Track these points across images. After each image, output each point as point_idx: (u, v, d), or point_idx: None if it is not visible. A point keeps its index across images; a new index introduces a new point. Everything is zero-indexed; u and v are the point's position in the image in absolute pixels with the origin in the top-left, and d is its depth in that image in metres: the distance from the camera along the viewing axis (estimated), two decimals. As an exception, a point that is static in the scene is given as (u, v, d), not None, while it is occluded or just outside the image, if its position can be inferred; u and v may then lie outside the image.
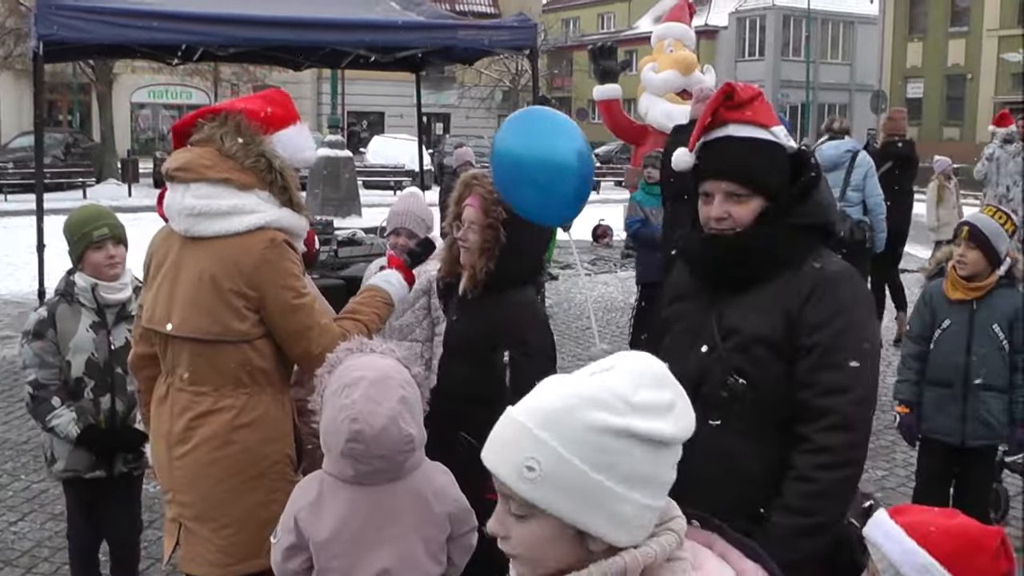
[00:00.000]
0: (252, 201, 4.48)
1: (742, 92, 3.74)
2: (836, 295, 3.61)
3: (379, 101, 65.42)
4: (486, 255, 4.87)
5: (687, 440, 3.43)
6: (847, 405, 3.52)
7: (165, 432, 4.61)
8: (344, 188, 29.27)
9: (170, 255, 4.56)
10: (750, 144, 3.70)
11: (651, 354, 3.90)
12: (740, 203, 3.71)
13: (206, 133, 4.52)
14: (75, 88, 52.98)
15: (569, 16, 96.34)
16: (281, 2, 10.98)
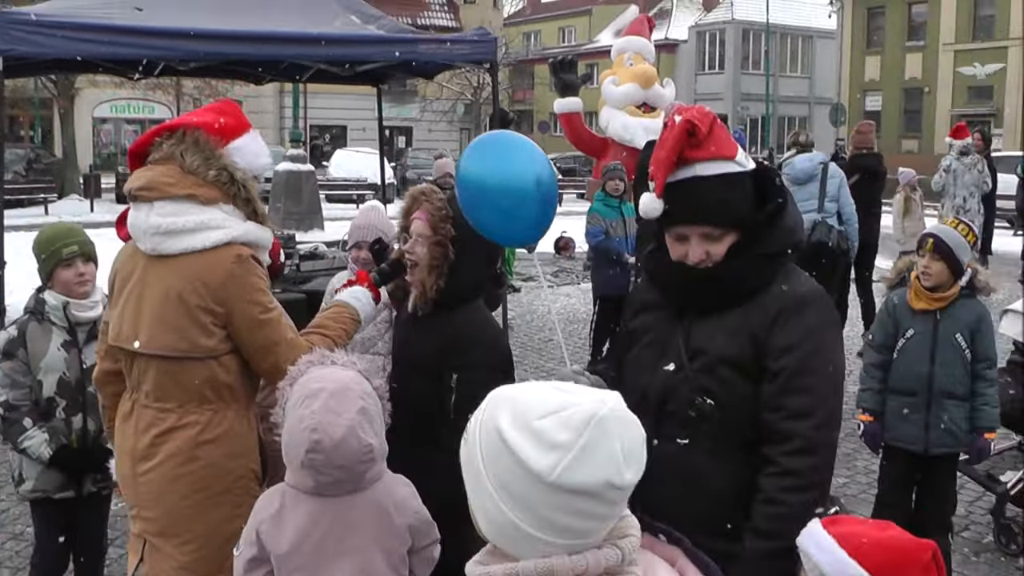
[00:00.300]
0: (217, 216, 4.49)
1: (701, 124, 3.61)
2: (803, 319, 3.61)
3: (341, 114, 65.43)
4: (435, 272, 4.84)
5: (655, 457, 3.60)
6: (811, 429, 3.54)
7: (130, 448, 4.59)
8: (306, 202, 29.25)
9: (135, 272, 4.55)
10: (721, 181, 3.64)
11: (613, 365, 3.97)
12: (717, 241, 3.69)
13: (166, 151, 4.52)
14: (37, 103, 52.76)
15: (530, 30, 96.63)
16: (241, 16, 10.94)
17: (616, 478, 2.31)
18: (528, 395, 2.39)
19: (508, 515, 2.37)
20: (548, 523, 2.34)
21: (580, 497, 2.30)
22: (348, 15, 11.88)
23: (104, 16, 10.46)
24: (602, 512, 2.36)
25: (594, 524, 2.37)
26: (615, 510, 2.40)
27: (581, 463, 2.30)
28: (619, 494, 2.35)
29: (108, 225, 22.39)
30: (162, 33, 10.16)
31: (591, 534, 2.38)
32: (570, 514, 2.33)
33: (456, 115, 69.10)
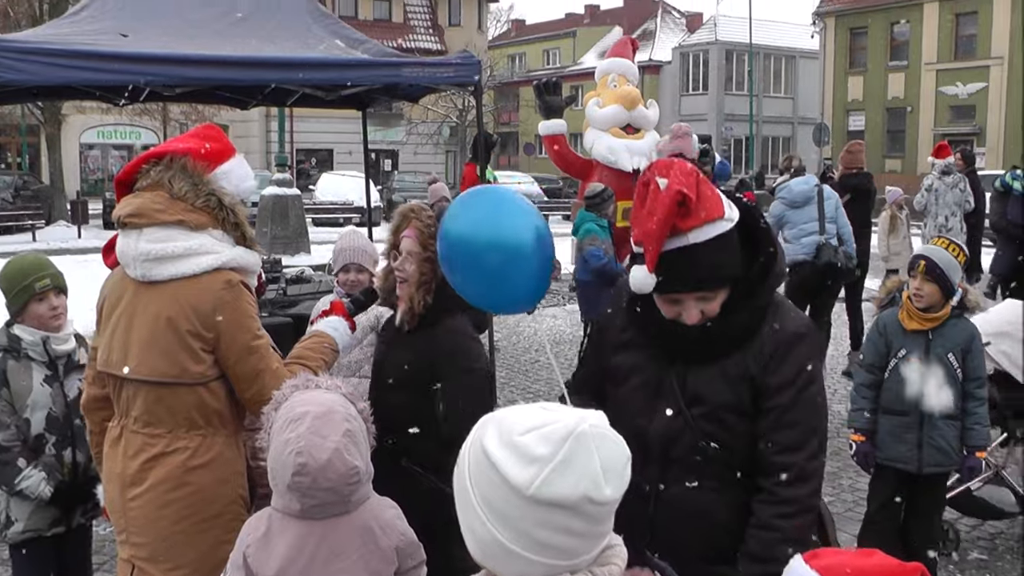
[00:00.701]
0: (207, 241, 4.54)
1: (690, 192, 3.50)
2: (796, 355, 3.69)
3: (327, 138, 65.46)
4: (423, 288, 4.91)
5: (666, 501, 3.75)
6: (804, 460, 3.65)
7: (119, 473, 4.61)
8: (293, 226, 29.25)
9: (124, 298, 4.58)
10: (714, 245, 3.59)
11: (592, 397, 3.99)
12: (711, 301, 3.71)
13: (153, 177, 4.56)
14: (23, 130, 52.82)
15: (515, 52, 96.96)
16: (226, 41, 10.94)
17: (594, 492, 2.35)
18: (513, 414, 2.45)
19: (492, 531, 2.41)
20: (529, 539, 2.38)
21: (558, 511, 2.35)
22: (333, 39, 11.89)
23: (90, 42, 10.42)
24: (581, 528, 2.38)
25: (575, 542, 2.40)
26: (596, 528, 2.42)
27: (559, 476, 2.35)
28: (598, 510, 2.38)
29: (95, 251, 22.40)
30: (147, 58, 10.09)
31: (573, 553, 2.40)
32: (549, 529, 2.37)
33: (442, 138, 69.15)
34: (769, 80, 79.32)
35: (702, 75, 79.02)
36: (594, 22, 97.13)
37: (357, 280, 7.49)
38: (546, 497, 2.34)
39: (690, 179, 3.54)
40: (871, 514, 7.36)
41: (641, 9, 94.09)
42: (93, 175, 63.32)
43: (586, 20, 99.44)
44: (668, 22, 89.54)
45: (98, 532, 8.27)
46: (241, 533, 3.94)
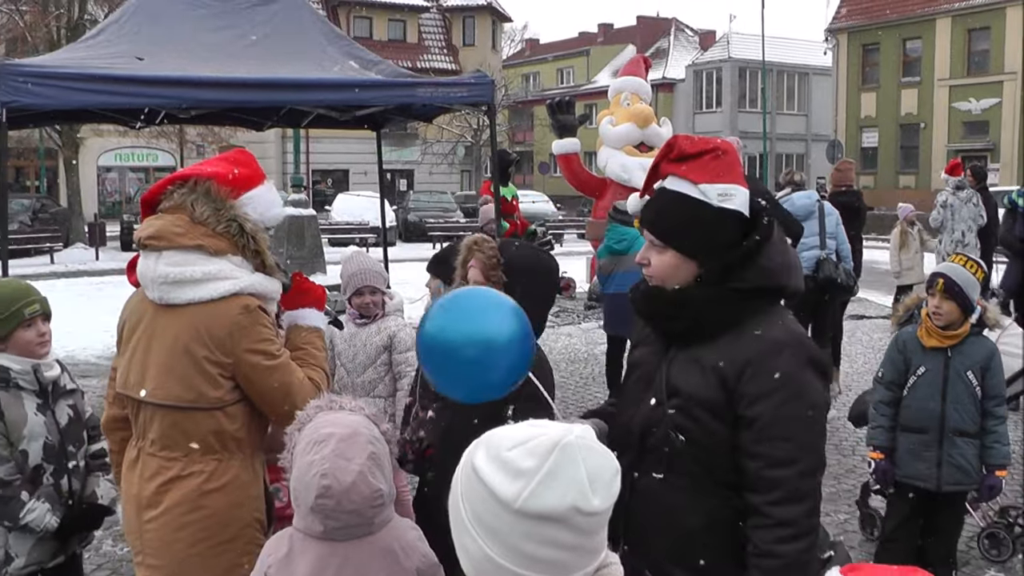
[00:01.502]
0: (226, 267, 4.51)
1: (686, 147, 3.74)
2: (775, 365, 3.57)
3: (343, 159, 65.74)
4: None
5: (636, 490, 3.70)
6: (796, 478, 3.52)
7: (135, 495, 4.60)
8: (308, 246, 29.27)
9: (143, 321, 4.58)
10: (673, 198, 3.72)
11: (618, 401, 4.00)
12: (657, 253, 3.77)
13: (176, 200, 4.55)
14: (42, 153, 53.06)
15: (529, 71, 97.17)
16: (241, 63, 10.99)
17: (582, 503, 2.39)
18: (502, 431, 2.50)
19: (483, 548, 2.46)
20: (519, 553, 2.42)
21: (547, 524, 2.40)
22: (347, 60, 11.93)
23: (106, 66, 10.47)
24: (571, 541, 2.43)
25: (566, 556, 2.44)
26: (586, 541, 2.46)
27: (546, 488, 2.40)
28: (587, 521, 2.42)
29: (113, 272, 22.53)
30: (163, 81, 10.15)
31: (565, 568, 2.45)
32: (538, 543, 2.41)
33: (457, 157, 69.30)
34: (782, 97, 79.34)
35: (715, 92, 79.10)
36: (608, 41, 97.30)
37: (372, 301, 7.53)
38: (534, 510, 2.39)
39: (701, 142, 3.76)
40: (888, 532, 7.34)
41: (654, 27, 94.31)
42: (111, 197, 63.62)
43: (600, 39, 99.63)
44: (681, 40, 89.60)
45: (116, 552, 8.33)
46: (262, 553, 3.94)
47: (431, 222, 48.33)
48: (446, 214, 51.79)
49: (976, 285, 6.90)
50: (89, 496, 5.67)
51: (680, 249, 3.71)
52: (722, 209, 3.66)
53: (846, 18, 67.01)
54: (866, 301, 20.80)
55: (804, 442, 3.56)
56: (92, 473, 5.77)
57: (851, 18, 66.67)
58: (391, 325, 7.62)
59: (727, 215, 3.68)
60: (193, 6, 12.00)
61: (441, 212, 52.47)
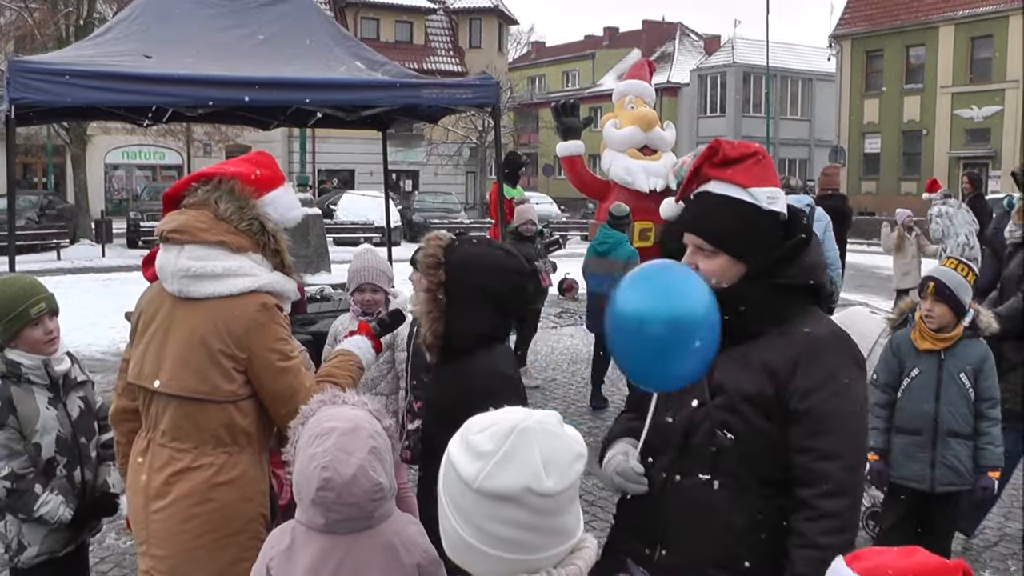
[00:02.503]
0: (245, 264, 4.59)
1: (729, 151, 3.78)
2: (826, 361, 3.61)
3: (349, 158, 65.78)
4: (429, 319, 4.66)
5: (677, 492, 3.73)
6: (841, 470, 3.54)
7: (143, 486, 4.64)
8: (314, 245, 29.31)
9: (160, 313, 4.65)
10: (721, 202, 3.74)
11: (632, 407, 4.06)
12: (707, 257, 3.77)
13: (200, 196, 4.65)
14: (49, 150, 53.10)
15: (535, 73, 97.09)
16: (248, 62, 11.03)
17: (535, 484, 2.53)
18: (476, 418, 2.68)
19: (455, 527, 2.61)
20: (482, 532, 2.57)
21: (503, 504, 2.55)
22: (353, 61, 11.98)
23: (114, 64, 10.51)
24: (528, 521, 2.55)
25: (525, 536, 2.57)
26: (544, 521, 2.57)
27: (502, 469, 2.56)
28: (542, 502, 2.54)
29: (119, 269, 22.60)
30: (170, 80, 10.18)
31: (527, 548, 2.58)
32: (498, 522, 2.56)
33: (462, 158, 69.31)
34: (786, 102, 79.33)
35: (719, 97, 79.12)
36: (613, 44, 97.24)
37: (372, 299, 7.57)
38: (489, 489, 2.53)
39: (742, 147, 3.82)
40: (884, 532, 7.39)
41: (659, 32, 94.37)
42: (117, 195, 63.63)
43: (605, 42, 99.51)
44: (686, 45, 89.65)
45: (119, 545, 8.40)
46: (264, 546, 3.95)
47: (436, 222, 48.34)
48: (450, 215, 51.83)
49: (967, 288, 6.96)
50: (101, 485, 5.74)
51: (732, 252, 3.75)
52: (771, 211, 3.74)
53: (850, 24, 66.82)
54: (866, 306, 20.86)
55: (851, 437, 3.61)
56: (104, 463, 5.83)
57: (855, 24, 66.49)
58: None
59: (774, 217, 3.76)
60: (201, 5, 12.09)
61: (446, 213, 52.51)
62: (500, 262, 4.67)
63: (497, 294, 4.65)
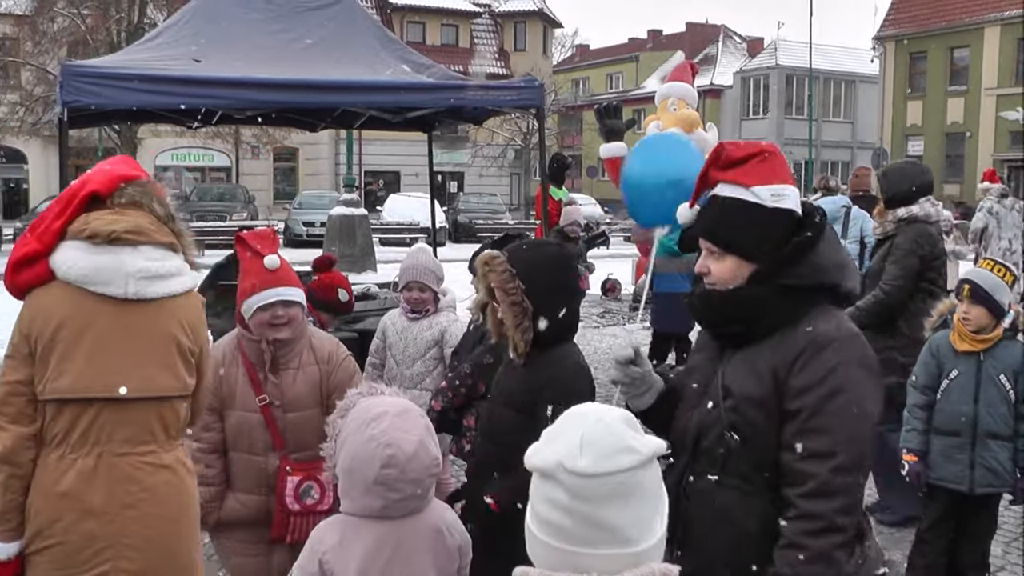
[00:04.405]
0: (181, 263, 4.67)
1: (733, 152, 3.78)
2: (823, 359, 3.53)
3: (395, 160, 65.82)
4: (519, 328, 4.83)
5: (690, 493, 3.78)
6: (830, 472, 3.44)
7: (103, 504, 4.43)
8: (360, 245, 29.50)
9: (98, 319, 4.44)
10: (727, 204, 3.74)
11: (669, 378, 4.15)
12: (717, 260, 3.78)
13: (131, 196, 4.56)
14: (100, 153, 53.57)
15: (579, 76, 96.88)
16: (296, 66, 11.22)
17: (567, 461, 2.55)
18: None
19: (527, 513, 2.70)
20: (535, 513, 2.65)
21: (544, 481, 2.60)
22: (399, 64, 12.05)
23: (164, 67, 10.70)
24: (564, 502, 2.55)
25: (563, 519, 2.56)
26: (579, 505, 2.55)
27: (545, 445, 2.64)
28: (574, 481, 2.54)
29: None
30: (220, 82, 10.38)
31: (569, 537, 2.57)
32: (542, 501, 2.61)
33: (506, 160, 69.33)
34: (828, 104, 78.80)
35: (762, 99, 78.75)
36: (656, 47, 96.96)
37: (420, 298, 7.72)
38: (533, 463, 2.63)
39: (747, 147, 3.83)
40: (922, 532, 7.36)
41: (703, 34, 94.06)
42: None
43: (649, 45, 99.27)
44: (729, 47, 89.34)
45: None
46: (311, 542, 3.95)
47: (480, 223, 48.68)
48: (495, 216, 52.01)
49: (1005, 289, 6.86)
50: None
51: (740, 253, 3.74)
52: (776, 209, 3.70)
53: (894, 26, 66.21)
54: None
55: (844, 438, 3.47)
56: None
57: (899, 26, 65.88)
58: (443, 320, 7.79)
59: (781, 214, 3.71)
60: (250, 9, 12.23)
61: (490, 214, 52.70)
62: (561, 254, 4.95)
63: (569, 283, 4.93)
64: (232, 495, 5.58)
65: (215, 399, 5.47)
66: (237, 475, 5.58)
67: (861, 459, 3.55)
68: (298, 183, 66.18)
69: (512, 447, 4.95)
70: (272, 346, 5.40)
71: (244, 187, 54.74)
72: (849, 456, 3.48)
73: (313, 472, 5.34)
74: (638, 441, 2.62)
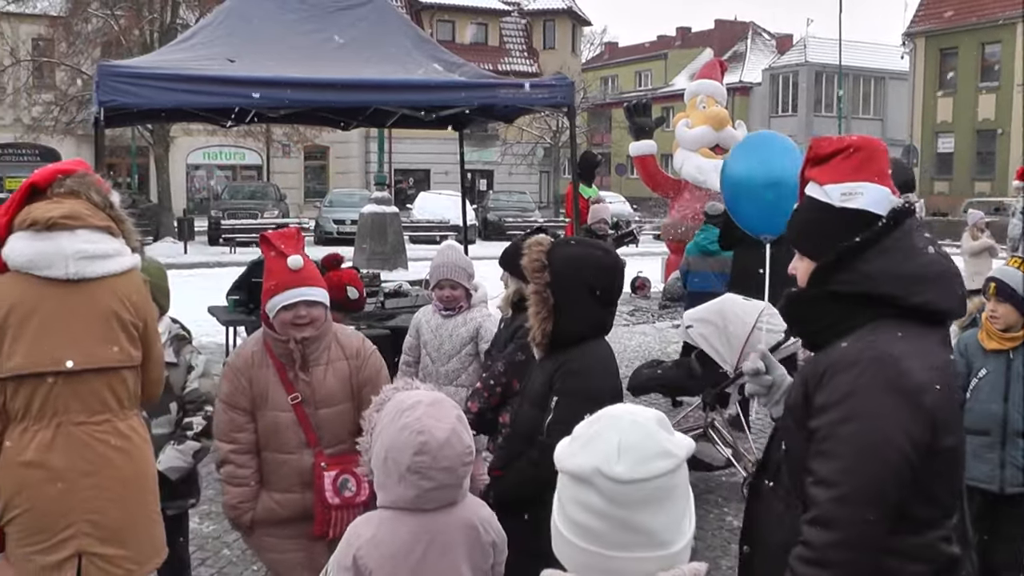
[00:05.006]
0: (120, 246, 5.00)
1: (820, 149, 3.64)
2: (841, 380, 3.31)
3: (425, 159, 65.96)
4: (539, 318, 4.93)
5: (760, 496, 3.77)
6: (829, 502, 3.23)
7: (63, 470, 4.75)
8: (391, 242, 29.60)
9: (44, 301, 4.79)
10: (804, 203, 3.63)
11: None
12: (798, 260, 3.66)
13: (69, 187, 4.93)
14: (133, 151, 53.98)
15: (608, 74, 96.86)
16: (329, 65, 11.37)
17: (605, 466, 2.54)
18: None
19: (553, 511, 2.73)
20: (565, 516, 2.66)
21: (578, 485, 2.60)
22: (431, 63, 12.11)
23: (199, 67, 10.85)
24: (600, 507, 2.55)
25: (597, 523, 2.56)
26: (615, 511, 2.55)
27: (582, 449, 2.62)
28: (612, 487, 2.53)
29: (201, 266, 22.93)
30: (254, 82, 10.49)
31: (602, 540, 2.57)
32: (575, 504, 2.61)
33: (536, 158, 69.29)
34: (858, 101, 78.40)
35: (791, 96, 78.45)
36: (685, 44, 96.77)
37: (452, 295, 7.73)
38: (566, 468, 2.63)
39: (838, 142, 3.63)
40: (954, 535, 7.28)
41: (732, 31, 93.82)
42: (199, 194, 64.33)
43: (677, 42, 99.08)
44: (758, 44, 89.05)
45: (202, 530, 8.71)
46: (347, 536, 3.94)
47: (510, 221, 48.81)
48: (525, 213, 52.06)
49: None
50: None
51: (808, 254, 3.61)
52: (844, 209, 3.51)
53: (924, 22, 65.86)
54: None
55: (852, 468, 3.22)
56: (173, 441, 6.18)
57: (929, 22, 65.50)
58: (477, 317, 7.80)
59: (848, 215, 3.50)
60: (283, 10, 12.34)
61: (520, 211, 52.77)
62: (600, 260, 4.94)
63: (599, 290, 4.91)
64: (267, 495, 5.64)
65: (246, 400, 5.60)
66: (271, 475, 5.65)
67: (871, 493, 3.23)
68: (328, 181, 66.56)
69: (529, 440, 5.07)
70: (300, 345, 5.47)
71: (275, 185, 54.91)
72: (854, 487, 3.21)
73: (348, 465, 5.40)
74: (672, 443, 2.62)
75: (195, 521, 8.60)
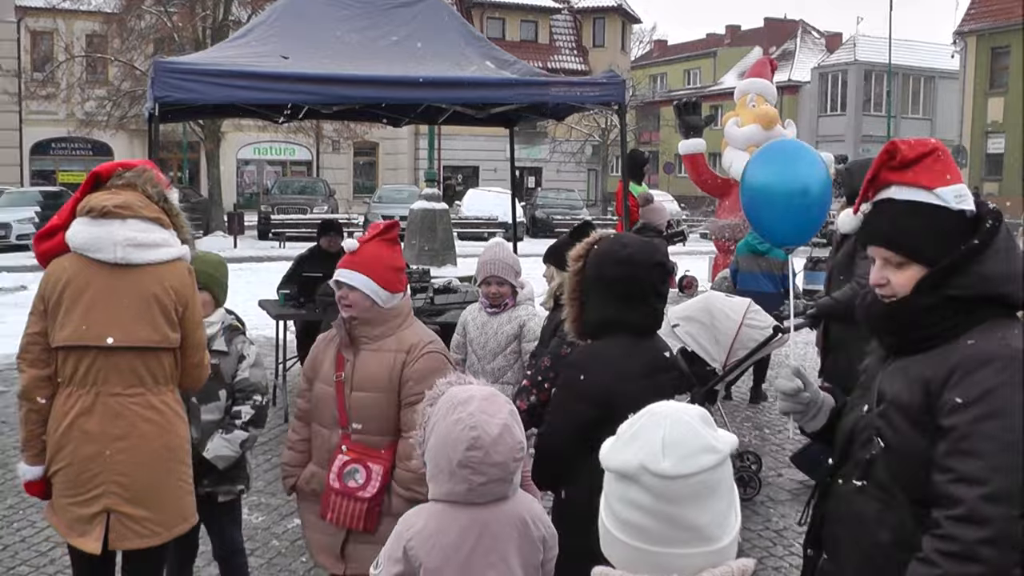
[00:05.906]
0: (169, 237, 5.44)
1: (906, 151, 3.55)
2: (979, 377, 3.27)
3: (474, 156, 66.22)
4: (571, 303, 5.05)
5: (834, 495, 3.76)
6: (978, 499, 3.17)
7: (97, 434, 5.30)
8: (440, 239, 29.71)
9: (95, 281, 5.30)
10: (907, 208, 3.51)
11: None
12: (898, 270, 3.54)
13: (128, 179, 5.46)
14: (184, 147, 54.40)
15: (657, 72, 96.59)
16: (382, 63, 11.47)
17: (650, 463, 2.54)
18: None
19: (601, 509, 2.75)
20: (611, 511, 2.68)
21: (624, 482, 2.61)
22: (483, 60, 12.14)
23: (253, 64, 10.98)
24: (647, 503, 2.56)
25: (645, 520, 2.57)
26: (662, 507, 2.55)
27: (626, 446, 2.63)
28: (658, 483, 2.54)
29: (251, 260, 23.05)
30: (308, 78, 10.62)
31: (651, 537, 2.58)
32: (622, 502, 2.62)
33: (584, 156, 69.32)
34: (907, 101, 77.86)
35: (840, 95, 77.98)
36: (735, 42, 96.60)
37: (499, 292, 7.79)
38: (612, 465, 2.65)
39: (920, 145, 3.58)
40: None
41: (781, 29, 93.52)
42: (248, 189, 64.86)
43: (727, 40, 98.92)
44: (808, 42, 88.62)
45: (251, 521, 8.84)
46: (398, 528, 3.98)
47: (558, 218, 48.94)
48: (573, 211, 52.06)
49: None
50: (198, 445, 6.14)
51: (926, 262, 3.49)
52: (961, 211, 3.48)
53: (975, 20, 64.74)
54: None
55: (998, 464, 3.19)
56: (222, 429, 6.34)
57: (980, 20, 64.41)
58: (522, 314, 7.83)
59: (963, 218, 3.49)
60: (337, 7, 12.45)
61: (568, 209, 52.79)
62: (616, 253, 4.90)
63: (614, 282, 4.87)
64: (312, 465, 5.77)
65: (312, 369, 5.83)
66: (314, 447, 5.79)
67: (1019, 489, 3.19)
68: (377, 177, 66.77)
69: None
70: (347, 323, 5.55)
71: (325, 181, 55.16)
72: (1002, 485, 3.18)
73: (365, 458, 5.46)
74: (716, 439, 2.61)
75: (245, 512, 8.60)
